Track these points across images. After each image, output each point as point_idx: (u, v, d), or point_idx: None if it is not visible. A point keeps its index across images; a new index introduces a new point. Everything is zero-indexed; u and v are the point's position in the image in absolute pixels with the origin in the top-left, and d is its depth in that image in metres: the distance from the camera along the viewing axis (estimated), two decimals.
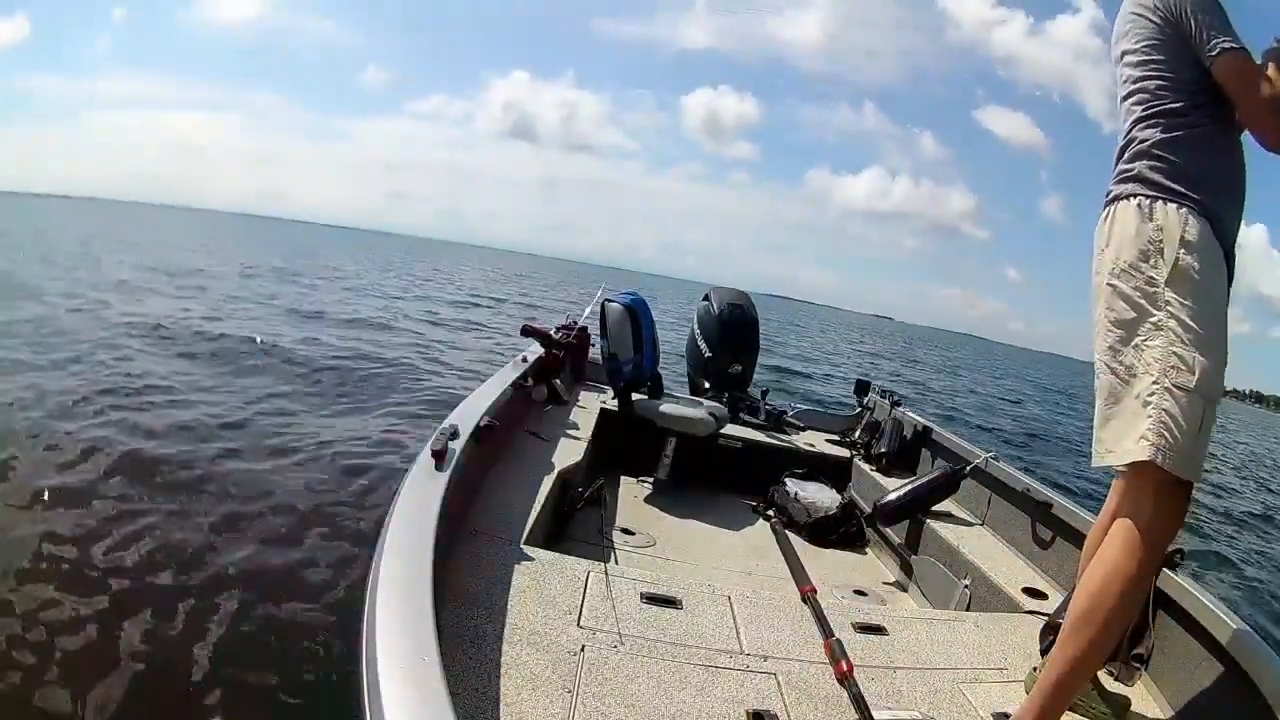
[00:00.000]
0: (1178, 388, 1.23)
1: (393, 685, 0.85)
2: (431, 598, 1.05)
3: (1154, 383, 1.24)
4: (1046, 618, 1.72)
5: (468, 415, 1.93)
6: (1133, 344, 1.29)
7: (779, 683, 1.38)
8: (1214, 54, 1.28)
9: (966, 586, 2.20)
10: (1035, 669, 1.53)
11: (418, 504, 1.36)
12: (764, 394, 3.87)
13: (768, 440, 3.43)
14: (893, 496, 2.61)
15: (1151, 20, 1.35)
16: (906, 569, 2.60)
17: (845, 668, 1.42)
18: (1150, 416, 1.23)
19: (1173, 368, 1.23)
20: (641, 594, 1.61)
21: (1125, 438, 1.27)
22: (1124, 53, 1.42)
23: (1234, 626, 1.50)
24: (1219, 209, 1.31)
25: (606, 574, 1.65)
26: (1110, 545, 1.27)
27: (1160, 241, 1.27)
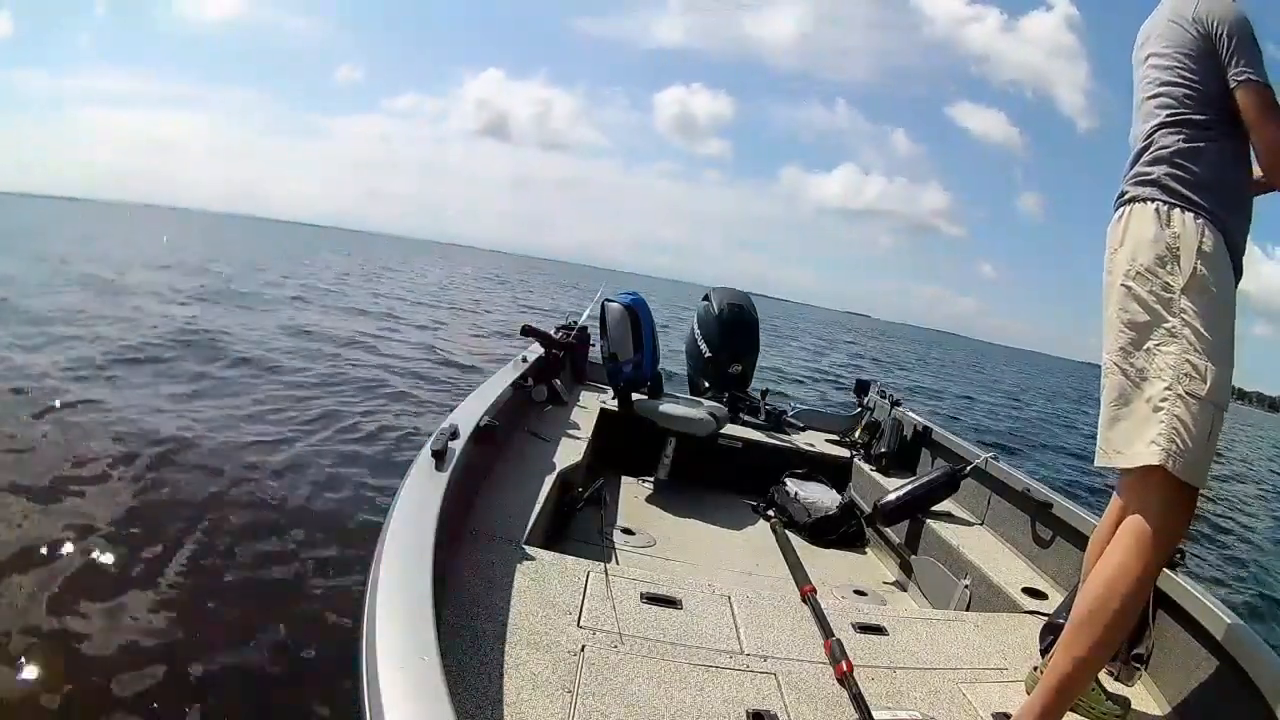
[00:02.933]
0: (1190, 395, 1.25)
1: (393, 685, 0.85)
2: (431, 598, 1.05)
3: (1167, 388, 1.26)
4: (1046, 618, 1.72)
5: (468, 415, 1.93)
6: (1145, 347, 1.30)
7: (779, 683, 1.38)
8: (1240, 80, 1.31)
9: (966, 586, 2.20)
10: (1035, 669, 1.53)
11: (418, 504, 1.36)
12: (764, 394, 3.87)
13: (768, 440, 3.43)
14: (893, 496, 2.61)
15: (1188, 31, 1.36)
16: (906, 569, 2.60)
17: (845, 668, 1.42)
18: (1162, 422, 1.25)
19: (1186, 375, 1.25)
20: (641, 594, 1.61)
21: (1135, 441, 1.28)
22: (1151, 55, 1.43)
23: (1234, 626, 1.50)
24: (1231, 222, 1.33)
25: (606, 574, 1.65)
26: (1116, 547, 1.28)
27: (1177, 249, 1.29)
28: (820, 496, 2.95)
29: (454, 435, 1.70)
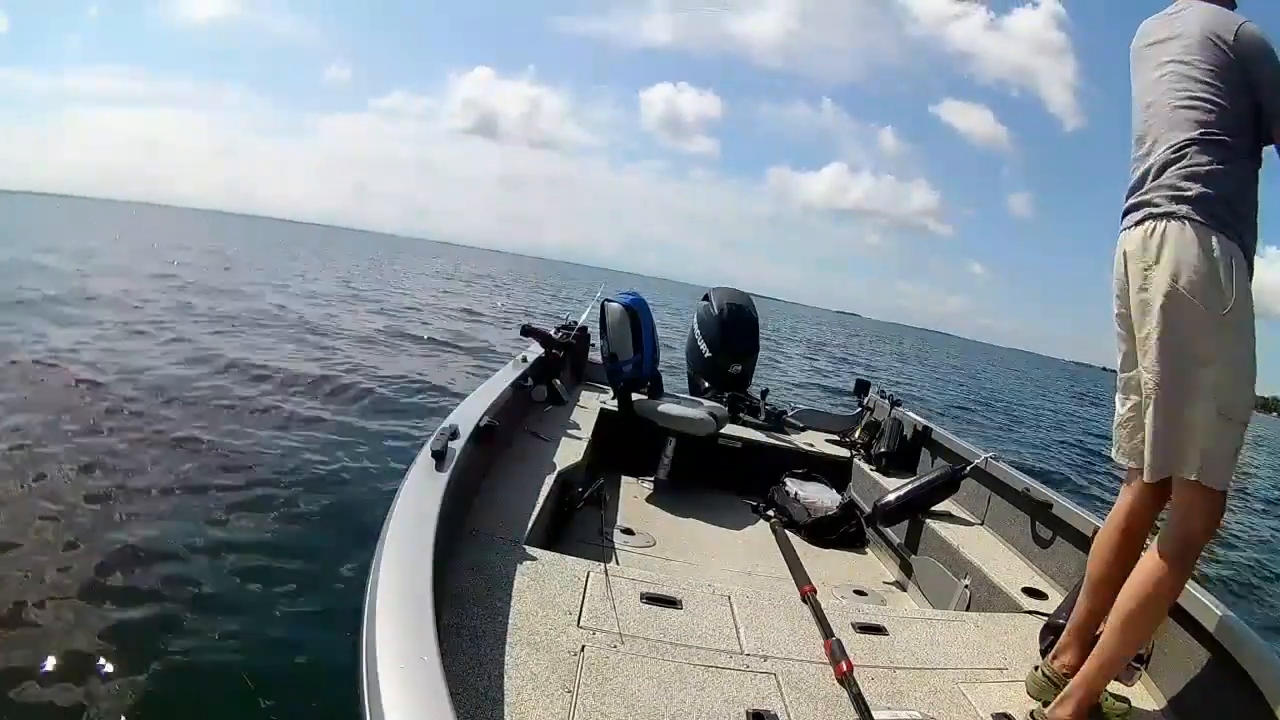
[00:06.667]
0: (1229, 416, 1.31)
1: (393, 685, 0.85)
2: (431, 598, 1.05)
3: (1208, 408, 1.31)
4: (1046, 618, 1.72)
5: (468, 415, 1.93)
6: (1188, 368, 1.33)
7: (779, 683, 1.38)
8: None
9: (966, 586, 2.20)
10: (1036, 669, 1.54)
11: (418, 504, 1.36)
12: (764, 394, 3.87)
13: (768, 440, 3.43)
14: (892, 496, 2.61)
15: (1227, 54, 1.37)
16: (906, 569, 2.60)
17: (845, 668, 1.42)
18: (1205, 440, 1.31)
19: (1226, 396, 1.31)
20: (641, 594, 1.61)
21: (1180, 457, 1.34)
22: (1176, 61, 1.43)
23: (1234, 626, 1.51)
24: (1251, 246, 1.38)
25: (606, 574, 1.65)
26: (1158, 553, 1.36)
27: (1218, 273, 1.32)
28: (820, 496, 2.95)
29: (454, 435, 1.70)
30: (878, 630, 1.67)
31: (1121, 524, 1.53)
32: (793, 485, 3.02)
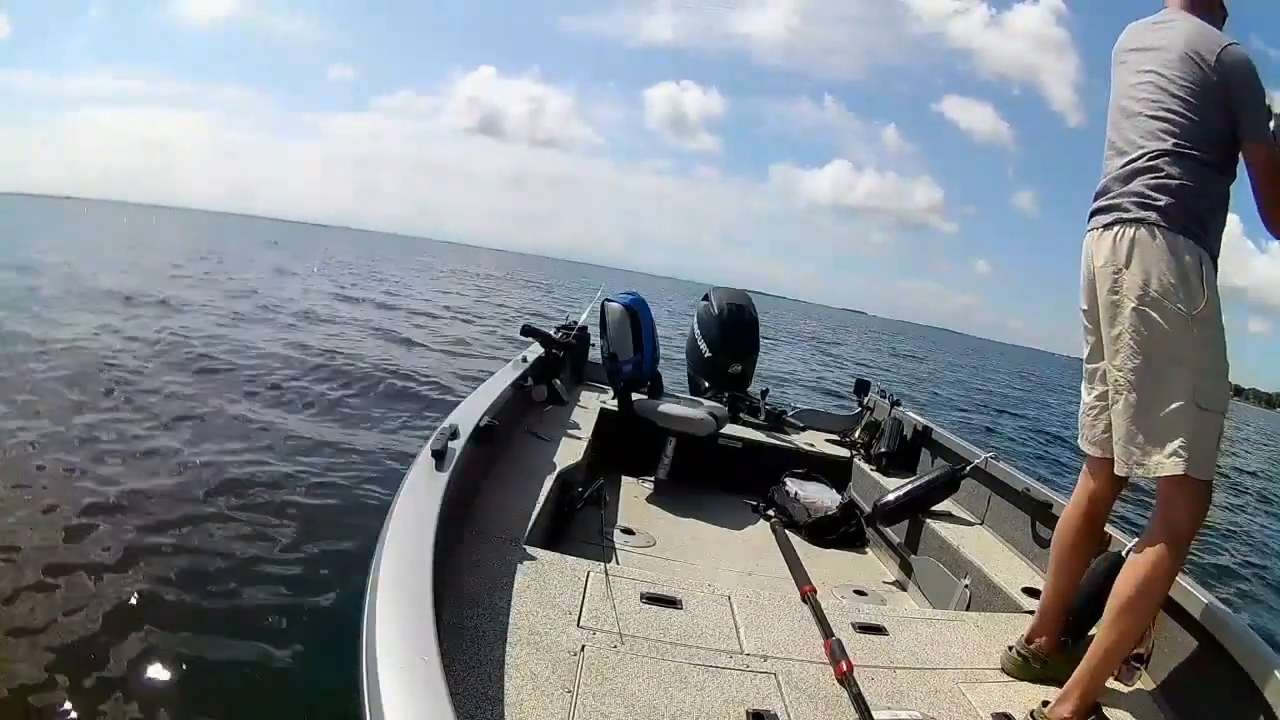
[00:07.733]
0: (1203, 407, 1.37)
1: (393, 685, 0.85)
2: (431, 598, 1.05)
3: (1183, 404, 1.37)
4: None
5: (468, 415, 1.93)
6: (1160, 367, 1.39)
7: (779, 683, 1.38)
8: (1256, 139, 1.38)
9: (966, 586, 2.20)
10: (1010, 648, 1.62)
11: (418, 504, 1.36)
12: (764, 394, 3.86)
13: (768, 440, 3.43)
14: (892, 496, 2.61)
15: (1209, 75, 1.40)
16: (906, 569, 2.60)
17: (845, 668, 1.43)
18: (1182, 434, 1.37)
19: (1200, 390, 1.37)
20: (641, 594, 1.61)
21: (1155, 453, 1.39)
22: (1154, 73, 1.46)
23: (1234, 626, 1.51)
24: (1218, 252, 1.43)
25: (606, 574, 1.65)
26: (1149, 546, 1.39)
27: (1187, 277, 1.38)
28: (820, 496, 2.95)
29: (454, 435, 1.70)
30: (878, 630, 1.67)
31: (1083, 508, 1.60)
32: (793, 485, 3.02)
